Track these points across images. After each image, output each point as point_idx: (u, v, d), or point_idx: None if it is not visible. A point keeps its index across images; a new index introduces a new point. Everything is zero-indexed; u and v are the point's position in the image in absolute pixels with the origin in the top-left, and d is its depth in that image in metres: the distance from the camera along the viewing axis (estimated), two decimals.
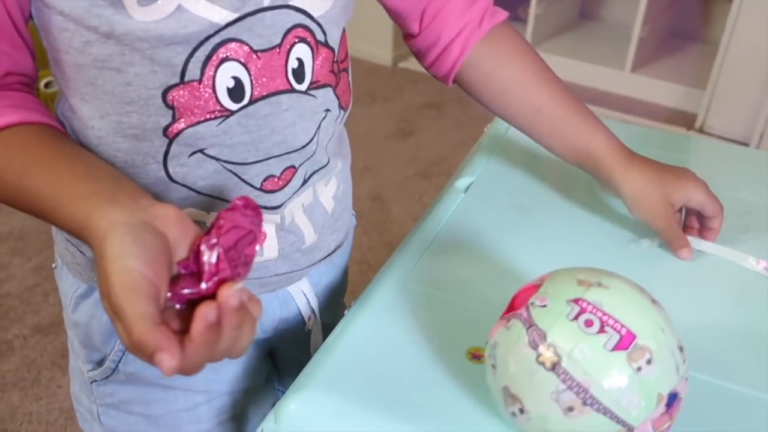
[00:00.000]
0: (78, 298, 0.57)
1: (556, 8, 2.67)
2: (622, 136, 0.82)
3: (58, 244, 0.59)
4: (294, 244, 0.57)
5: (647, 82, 2.42)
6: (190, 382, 0.59)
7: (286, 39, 0.49)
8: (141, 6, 0.44)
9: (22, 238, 1.69)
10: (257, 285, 0.58)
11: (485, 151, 0.77)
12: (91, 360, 0.59)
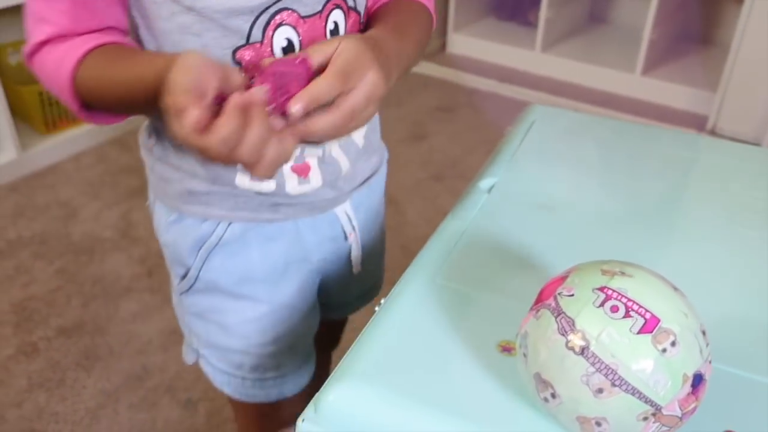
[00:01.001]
0: (168, 224, 0.69)
1: (566, 12, 2.69)
2: (633, 136, 0.84)
3: (153, 182, 0.70)
4: (333, 173, 0.68)
5: (658, 84, 2.43)
6: (257, 292, 0.70)
7: (326, 7, 0.60)
8: None
9: (44, 242, 1.72)
10: (310, 208, 0.69)
11: (507, 153, 0.80)
12: (178, 274, 0.71)
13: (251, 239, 0.68)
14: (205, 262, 0.68)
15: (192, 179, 0.65)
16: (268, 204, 0.66)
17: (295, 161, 0.65)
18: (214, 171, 0.64)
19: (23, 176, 1.98)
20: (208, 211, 0.66)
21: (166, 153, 0.66)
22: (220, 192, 0.65)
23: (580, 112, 0.92)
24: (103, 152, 2.12)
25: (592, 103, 2.42)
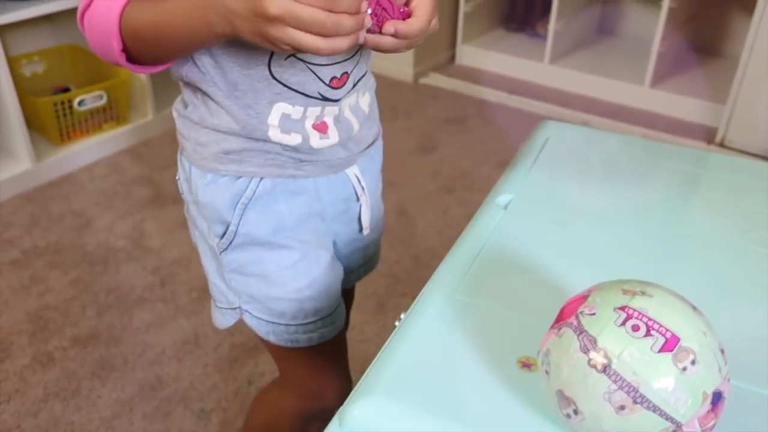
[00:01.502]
0: (205, 186, 0.75)
1: (575, 24, 2.71)
2: (648, 152, 0.86)
3: (189, 150, 0.76)
4: (347, 132, 0.76)
5: (667, 96, 2.44)
6: (289, 241, 0.77)
7: None
8: None
9: (59, 252, 1.74)
10: (326, 166, 0.77)
11: (522, 169, 0.81)
12: (218, 234, 0.77)
13: (279, 193, 0.76)
14: (242, 216, 0.75)
15: (228, 138, 0.73)
16: (293, 160, 0.75)
17: (315, 119, 0.73)
18: (249, 125, 0.71)
19: (38, 186, 2.01)
20: (242, 168, 0.74)
21: (204, 117, 0.73)
22: (252, 149, 0.73)
23: (593, 128, 0.93)
24: (115, 162, 2.14)
25: (601, 115, 2.43)
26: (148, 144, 2.24)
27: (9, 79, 1.85)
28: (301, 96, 0.71)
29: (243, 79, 0.69)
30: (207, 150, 0.74)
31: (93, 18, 0.65)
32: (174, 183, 0.84)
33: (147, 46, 0.65)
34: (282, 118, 0.71)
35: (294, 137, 0.73)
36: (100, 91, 2.08)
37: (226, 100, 0.71)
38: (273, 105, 0.71)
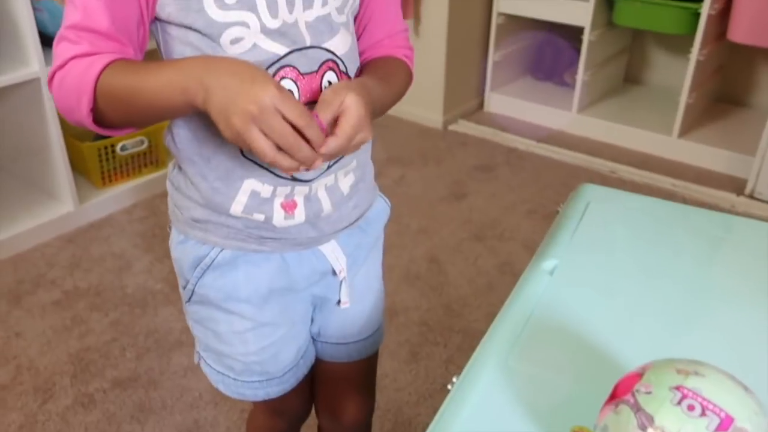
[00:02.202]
0: (177, 244, 0.81)
1: (602, 74, 2.75)
2: (681, 215, 0.88)
3: (171, 209, 0.82)
4: (316, 212, 0.78)
5: (695, 147, 2.47)
6: (242, 310, 0.81)
7: (321, 67, 0.72)
8: (231, 45, 0.67)
9: (99, 293, 1.79)
10: (292, 244, 0.80)
11: (565, 234, 0.84)
12: (182, 286, 0.83)
13: (239, 264, 0.80)
14: (200, 279, 0.80)
15: (196, 207, 0.77)
16: (256, 236, 0.78)
17: (285, 198, 0.76)
18: (213, 201, 0.76)
19: (80, 228, 2.07)
20: (206, 236, 0.79)
21: (182, 184, 0.79)
22: (216, 221, 0.77)
23: (633, 193, 0.96)
24: (153, 205, 2.20)
25: (630, 165, 2.45)
26: None
27: (58, 125, 1.93)
28: (271, 175, 0.74)
29: (216, 154, 0.73)
30: (181, 214, 0.80)
31: (66, 77, 0.67)
32: None
33: (121, 109, 0.68)
34: (251, 195, 0.75)
35: (256, 216, 0.76)
36: (141, 136, 2.16)
37: (196, 176, 0.75)
38: (243, 181, 0.74)
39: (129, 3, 0.67)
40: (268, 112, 0.59)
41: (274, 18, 0.69)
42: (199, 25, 0.67)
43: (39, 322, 1.69)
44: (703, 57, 2.36)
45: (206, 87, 0.61)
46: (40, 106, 1.90)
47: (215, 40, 0.67)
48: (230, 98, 0.60)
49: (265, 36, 0.68)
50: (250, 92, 0.59)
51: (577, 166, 2.48)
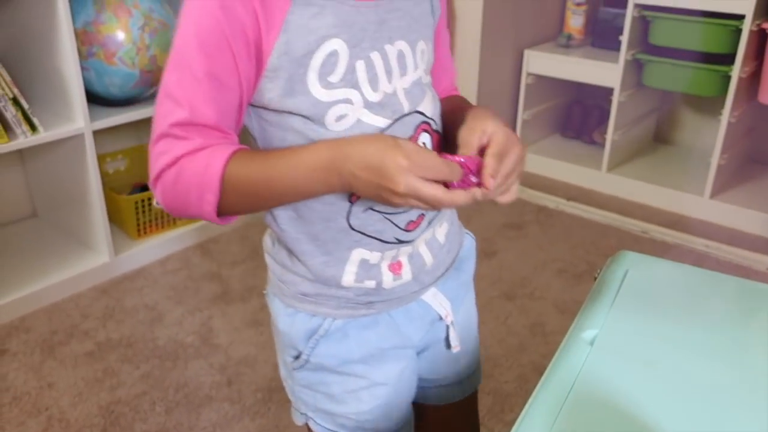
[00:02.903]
0: (285, 316, 0.82)
1: (632, 133, 2.77)
2: (721, 285, 0.87)
3: (273, 282, 0.84)
4: (420, 267, 0.81)
5: (728, 208, 2.45)
6: (356, 370, 0.82)
7: (416, 130, 0.75)
8: (336, 122, 0.69)
9: (131, 345, 1.81)
10: (398, 302, 0.82)
11: (605, 302, 0.83)
12: (291, 355, 0.84)
13: (350, 329, 0.81)
14: (314, 349, 0.81)
15: (304, 282, 0.79)
16: (365, 302, 0.80)
17: (391, 260, 0.78)
18: (324, 275, 0.77)
19: (114, 278, 2.10)
20: (317, 309, 0.80)
21: (285, 262, 0.80)
22: (326, 294, 0.79)
23: (672, 261, 0.95)
24: (187, 257, 2.23)
25: (662, 225, 2.44)
26: (217, 240, 2.34)
27: (98, 179, 1.99)
28: (378, 242, 0.76)
29: (324, 231, 0.75)
30: (288, 288, 0.81)
31: (183, 174, 0.66)
32: (240, 281, 0.92)
33: (249, 200, 0.69)
34: (360, 264, 0.77)
35: (368, 283, 0.78)
36: None
37: (303, 254, 0.77)
38: (352, 251, 0.76)
39: (231, 92, 0.67)
40: (415, 188, 0.62)
41: (375, 91, 0.70)
42: (303, 107, 0.68)
43: (71, 373, 1.70)
44: (734, 119, 2.37)
45: (348, 182, 0.65)
46: (83, 159, 1.97)
47: (319, 120, 0.68)
48: (376, 187, 0.63)
49: (368, 110, 0.70)
50: (391, 179, 0.62)
51: (608, 226, 2.47)
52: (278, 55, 0.66)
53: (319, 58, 0.67)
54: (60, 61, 1.87)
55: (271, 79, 0.67)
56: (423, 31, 0.76)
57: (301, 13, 0.66)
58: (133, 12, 1.94)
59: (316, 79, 0.67)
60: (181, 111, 0.65)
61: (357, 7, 0.68)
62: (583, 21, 2.84)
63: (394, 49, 0.72)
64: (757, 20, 2.23)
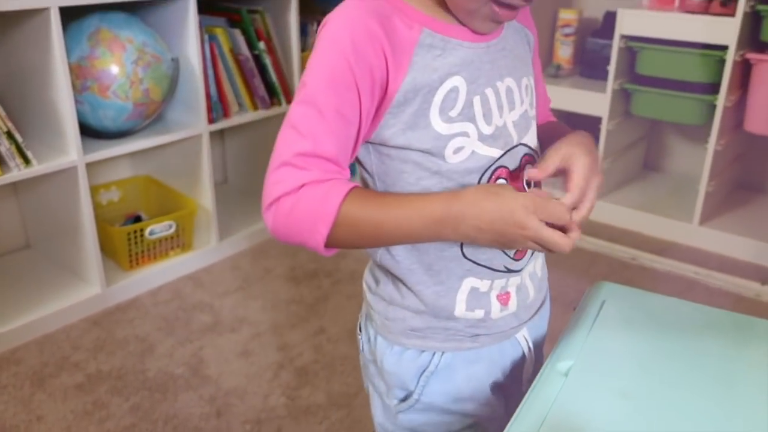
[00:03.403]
0: (391, 356, 0.84)
1: (622, 161, 2.79)
2: (696, 316, 0.88)
3: (376, 320, 0.86)
4: (524, 299, 0.85)
5: (717, 234, 2.46)
6: (465, 408, 0.85)
7: (521, 161, 0.80)
8: (454, 154, 0.75)
9: (121, 377, 1.80)
10: (500, 336, 0.85)
11: (581, 333, 0.85)
12: (397, 396, 0.86)
13: (458, 364, 0.84)
14: (425, 387, 0.84)
15: (414, 316, 0.82)
16: (471, 334, 0.83)
17: (500, 290, 0.82)
18: (436, 306, 0.81)
19: (105, 310, 2.11)
20: (425, 343, 0.83)
21: (394, 297, 0.83)
22: (436, 327, 0.82)
23: (649, 292, 0.96)
24: (178, 288, 2.24)
25: (651, 252, 2.45)
26: (209, 270, 2.35)
27: (91, 210, 2.01)
28: (488, 270, 0.80)
29: (438, 260, 0.79)
30: (395, 325, 0.84)
31: (300, 203, 0.69)
32: (231, 312, 0.92)
33: (359, 237, 0.72)
34: (471, 292, 0.81)
35: (477, 312, 0.82)
36: (170, 221, 2.22)
37: (417, 285, 0.80)
38: (463, 280, 0.80)
39: (352, 128, 0.71)
40: (540, 230, 0.68)
41: (489, 125, 0.76)
42: (424, 140, 0.73)
43: (61, 406, 1.70)
44: (720, 147, 2.40)
45: (466, 234, 0.70)
46: (75, 191, 1.98)
47: (438, 153, 0.74)
48: (500, 235, 0.69)
49: (482, 142, 0.76)
50: (518, 224, 0.68)
51: (598, 253, 2.49)
52: (404, 92, 0.72)
53: (442, 93, 0.73)
54: (54, 95, 1.90)
55: (394, 114, 0.73)
56: (525, 68, 0.83)
57: (424, 54, 0.72)
58: (127, 46, 1.98)
59: (438, 113, 0.73)
60: (305, 142, 0.70)
61: (473, 49, 0.75)
62: (572, 51, 2.89)
63: (503, 85, 0.78)
64: (740, 50, 2.27)
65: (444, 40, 0.74)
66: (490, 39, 0.78)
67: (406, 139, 0.74)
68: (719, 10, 2.27)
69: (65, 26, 1.85)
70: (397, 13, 0.73)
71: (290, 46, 2.49)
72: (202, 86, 2.19)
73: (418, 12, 0.74)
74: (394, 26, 0.71)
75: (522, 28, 0.85)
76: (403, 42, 0.72)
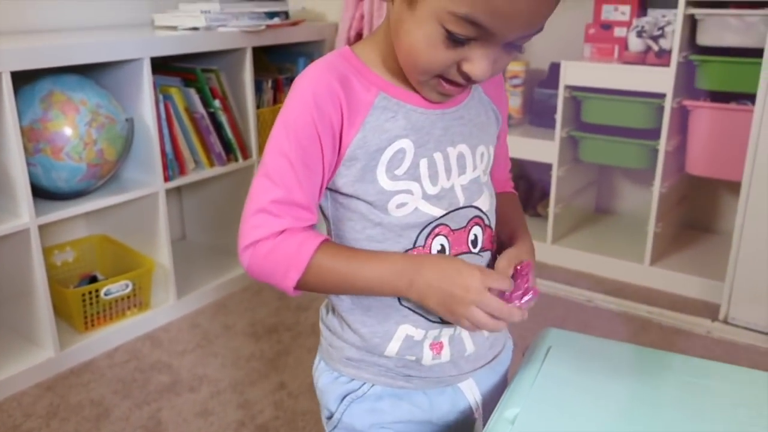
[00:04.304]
0: (325, 377, 0.91)
1: (573, 206, 2.87)
2: (643, 359, 0.91)
3: (323, 345, 0.93)
4: (460, 352, 0.88)
5: (667, 274, 2.54)
6: None
7: (469, 223, 0.85)
8: (397, 209, 0.80)
9: None
10: (435, 382, 0.88)
11: (527, 381, 0.87)
12: (326, 416, 0.92)
13: (385, 396, 0.88)
14: (347, 409, 0.89)
15: (351, 349, 0.87)
16: (404, 374, 0.87)
17: (433, 339, 0.85)
18: (370, 343, 0.85)
19: (59, 374, 2.06)
20: (359, 373, 0.88)
21: (338, 328, 0.89)
22: (369, 361, 0.87)
23: (594, 337, 1.00)
24: (136, 348, 2.20)
25: (605, 293, 2.51)
26: (168, 329, 2.32)
27: (44, 273, 1.98)
28: (423, 319, 0.84)
29: (376, 304, 0.84)
30: (335, 353, 0.90)
31: (277, 249, 0.77)
32: (190, 371, 0.94)
33: (324, 285, 0.80)
34: (405, 339, 0.85)
35: (408, 356, 0.85)
36: (126, 280, 2.20)
37: (356, 323, 0.86)
38: (399, 326, 0.84)
39: (317, 176, 0.79)
40: (483, 294, 0.74)
41: (434, 185, 0.81)
42: (370, 193, 0.80)
43: None
44: (665, 189, 2.49)
45: (419, 289, 0.76)
46: (28, 254, 1.96)
47: (382, 206, 0.80)
48: (447, 295, 0.75)
49: (426, 201, 0.81)
50: (463, 285, 0.74)
51: (555, 296, 2.53)
52: (355, 148, 0.78)
53: (389, 153, 0.79)
54: (5, 159, 1.88)
55: (347, 166, 0.79)
56: (484, 137, 0.88)
57: (378, 116, 0.79)
58: (81, 109, 1.99)
59: (384, 171, 0.79)
60: (278, 190, 0.77)
61: (426, 114, 0.81)
62: (521, 101, 2.99)
63: (455, 150, 0.83)
64: (677, 98, 2.39)
65: (398, 105, 0.80)
66: (448, 107, 0.83)
67: (354, 189, 0.80)
68: (655, 61, 2.39)
69: (17, 89, 1.86)
70: (358, 75, 0.80)
71: (246, 103, 2.52)
72: (157, 145, 2.20)
73: (378, 76, 0.81)
74: (352, 86, 0.79)
75: (488, 102, 0.90)
76: (360, 102, 0.78)
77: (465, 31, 0.69)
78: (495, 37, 0.70)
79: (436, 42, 0.71)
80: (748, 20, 2.22)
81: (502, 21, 0.67)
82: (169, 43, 2.25)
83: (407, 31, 0.73)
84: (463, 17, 0.68)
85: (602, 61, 2.57)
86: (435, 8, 0.69)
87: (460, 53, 0.72)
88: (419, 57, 0.74)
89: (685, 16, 2.27)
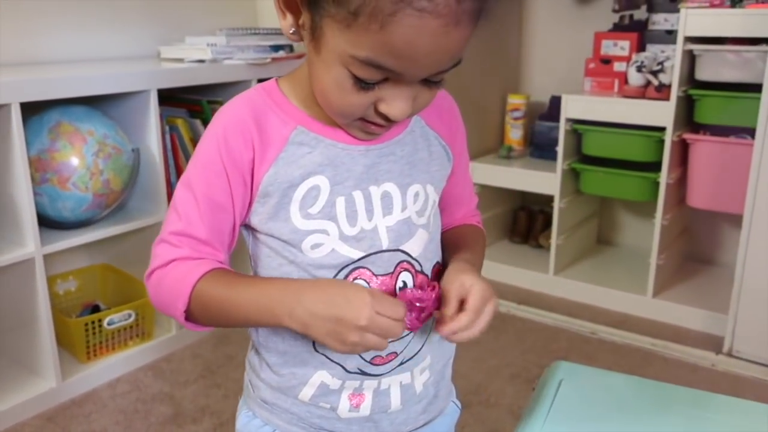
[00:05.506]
0: (244, 417, 0.87)
1: (575, 237, 2.89)
2: (652, 392, 0.92)
3: (245, 382, 0.89)
4: (383, 408, 0.81)
5: (670, 306, 2.54)
6: None
7: (396, 268, 0.78)
8: (312, 249, 0.76)
9: None
10: None
11: (540, 415, 0.87)
12: None
13: None
14: None
15: (267, 389, 0.83)
16: (318, 426, 0.82)
17: (353, 390, 0.80)
18: (284, 386, 0.81)
19: (61, 404, 2.04)
20: (271, 418, 0.84)
21: (257, 366, 0.85)
22: (282, 405, 0.83)
23: (605, 370, 1.00)
24: (138, 379, 2.19)
25: (608, 325, 2.50)
26: (170, 359, 2.30)
27: (47, 302, 1.97)
28: (341, 369, 0.79)
29: (292, 347, 0.80)
30: (253, 392, 0.86)
31: (165, 278, 0.75)
32: (192, 402, 0.94)
33: (210, 315, 0.76)
34: (320, 386, 0.80)
35: (323, 404, 0.81)
36: (129, 310, 2.19)
37: (274, 365, 0.81)
38: (315, 372, 0.80)
39: (225, 214, 0.76)
40: (373, 319, 0.67)
41: (353, 226, 0.77)
42: (283, 232, 0.76)
43: None
44: (667, 221, 2.50)
45: (300, 319, 0.69)
46: (32, 284, 1.96)
47: (296, 245, 0.76)
48: (336, 325, 0.68)
49: (343, 242, 0.76)
50: (353, 315, 0.67)
51: (558, 328, 2.53)
52: (267, 184, 0.75)
53: (302, 190, 0.75)
54: (13, 188, 1.89)
55: (261, 203, 0.76)
56: (420, 175, 0.81)
57: (294, 150, 0.75)
58: (88, 139, 2.00)
59: (297, 209, 0.75)
60: (179, 223, 0.75)
61: (348, 150, 0.77)
62: (522, 134, 3.02)
63: (379, 190, 0.78)
64: (677, 131, 2.41)
65: (317, 139, 0.76)
66: (375, 143, 0.77)
67: (268, 227, 0.77)
68: (655, 95, 2.43)
69: (25, 119, 1.88)
70: (276, 110, 0.76)
71: None
72: (162, 175, 2.22)
73: (299, 110, 0.77)
74: (268, 121, 0.75)
75: (435, 137, 0.83)
76: (275, 137, 0.75)
77: (370, 74, 0.65)
78: (404, 76, 0.66)
79: (345, 86, 0.67)
80: (746, 56, 2.26)
81: (406, 62, 0.63)
82: (176, 75, 2.28)
83: (317, 76, 0.70)
84: (364, 60, 0.64)
85: (602, 94, 2.61)
86: (338, 52, 0.65)
87: (374, 94, 0.68)
88: (332, 102, 0.70)
89: (684, 52, 2.31)
